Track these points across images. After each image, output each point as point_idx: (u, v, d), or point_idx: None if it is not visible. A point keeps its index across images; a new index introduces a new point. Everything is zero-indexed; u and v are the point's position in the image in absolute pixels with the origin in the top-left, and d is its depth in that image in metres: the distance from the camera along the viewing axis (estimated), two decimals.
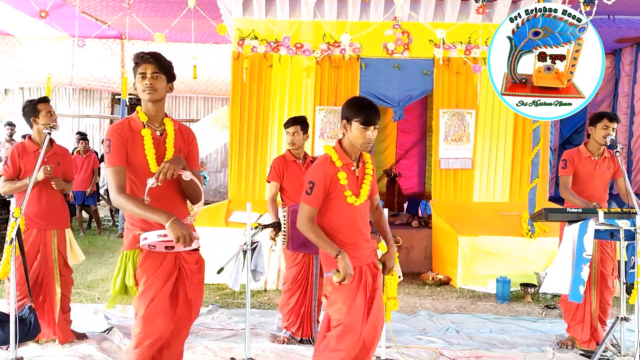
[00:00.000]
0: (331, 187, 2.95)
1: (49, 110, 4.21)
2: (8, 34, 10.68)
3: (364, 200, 3.02)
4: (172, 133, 2.86)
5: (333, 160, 2.97)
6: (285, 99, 7.41)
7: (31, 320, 4.05)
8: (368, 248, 3.06)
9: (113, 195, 2.71)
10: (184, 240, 2.59)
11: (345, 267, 2.88)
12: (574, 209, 3.79)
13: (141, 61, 2.79)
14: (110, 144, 2.75)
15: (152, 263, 2.78)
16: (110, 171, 2.72)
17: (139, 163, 2.77)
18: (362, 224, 3.03)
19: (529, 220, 6.46)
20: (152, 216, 2.64)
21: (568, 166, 4.46)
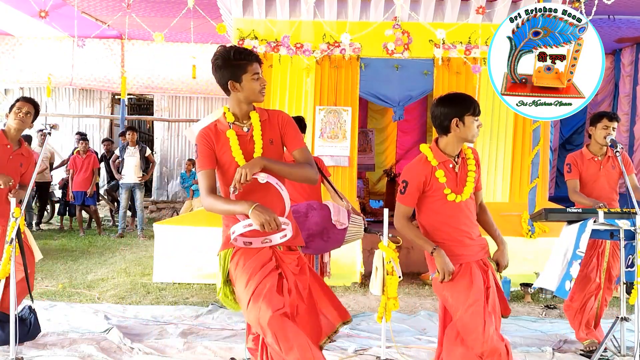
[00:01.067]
0: (427, 186, 2.96)
1: (20, 107, 4.08)
2: (8, 34, 10.68)
3: (467, 197, 2.97)
4: (259, 126, 2.78)
5: (428, 159, 2.98)
6: (285, 99, 7.41)
7: (31, 321, 4.06)
8: (474, 245, 3.00)
9: (202, 197, 2.71)
10: (268, 225, 2.46)
11: (442, 263, 2.88)
12: (574, 209, 3.80)
13: (252, 59, 2.72)
14: (197, 148, 2.75)
15: (242, 255, 2.70)
16: (200, 175, 2.73)
17: (229, 164, 2.73)
18: (465, 221, 3.00)
19: (529, 220, 6.45)
20: (235, 208, 2.57)
21: (573, 169, 4.45)
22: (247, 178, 2.57)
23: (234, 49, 2.72)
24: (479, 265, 2.99)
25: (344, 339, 4.50)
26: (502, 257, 3.08)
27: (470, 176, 2.99)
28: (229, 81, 2.72)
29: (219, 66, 2.72)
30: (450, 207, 2.96)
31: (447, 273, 2.88)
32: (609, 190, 4.44)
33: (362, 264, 6.53)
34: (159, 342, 4.34)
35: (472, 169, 3.00)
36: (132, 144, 9.60)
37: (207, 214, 7.48)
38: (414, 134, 10.37)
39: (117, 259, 7.70)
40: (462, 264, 2.94)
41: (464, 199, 2.96)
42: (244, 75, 2.70)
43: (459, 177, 2.98)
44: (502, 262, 3.08)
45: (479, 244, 3.03)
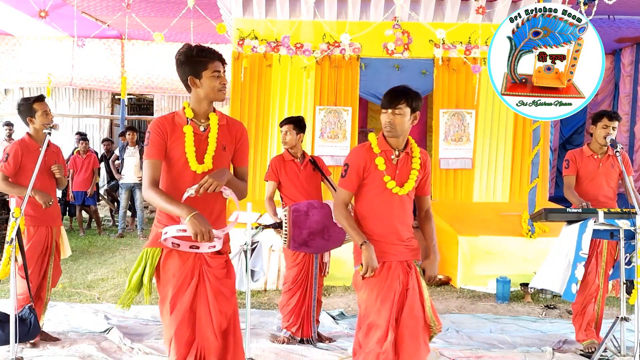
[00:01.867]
0: (366, 172, 2.96)
1: (45, 109, 4.19)
2: (8, 34, 10.68)
3: (405, 193, 2.95)
4: (216, 128, 2.77)
5: (372, 146, 3.00)
6: (285, 99, 7.41)
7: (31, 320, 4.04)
8: (402, 245, 2.97)
9: (144, 188, 2.69)
10: (202, 236, 2.48)
11: (368, 259, 2.86)
12: (574, 209, 3.80)
13: (213, 57, 2.73)
14: (149, 136, 2.71)
15: (172, 266, 2.70)
16: (146, 164, 2.71)
17: (178, 159, 2.72)
18: (398, 218, 2.96)
19: (529, 220, 6.45)
20: (174, 209, 2.57)
21: (571, 166, 4.46)
22: (215, 190, 2.59)
23: (196, 47, 2.75)
24: (403, 266, 2.94)
25: (344, 339, 4.50)
26: (429, 266, 3.01)
27: (412, 174, 2.97)
28: (189, 77, 2.73)
29: (180, 62, 2.74)
30: (386, 199, 2.94)
31: (370, 269, 2.87)
32: (606, 189, 4.43)
33: None
34: (159, 342, 4.34)
35: (416, 167, 2.99)
36: (132, 144, 9.60)
37: None
38: (414, 134, 10.30)
39: (117, 259, 7.70)
40: (386, 262, 2.92)
41: (401, 193, 2.94)
42: (204, 72, 2.71)
43: (399, 170, 2.96)
44: (429, 271, 3.01)
45: (406, 245, 2.98)
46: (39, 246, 4.18)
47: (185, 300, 2.67)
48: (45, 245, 4.23)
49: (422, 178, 3.04)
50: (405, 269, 2.94)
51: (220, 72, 2.74)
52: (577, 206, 3.96)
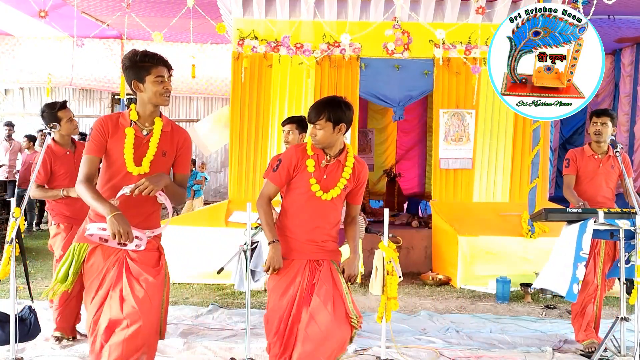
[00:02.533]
0: (295, 170, 3.03)
1: (70, 116, 4.28)
2: (8, 34, 10.68)
3: (330, 198, 3.00)
4: (158, 134, 2.84)
5: (306, 148, 3.06)
6: (285, 99, 7.41)
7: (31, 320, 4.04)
8: (315, 246, 3.03)
9: (77, 181, 2.76)
10: (119, 236, 2.55)
11: (271, 258, 2.97)
12: (574, 209, 3.80)
13: (157, 63, 2.78)
14: (91, 133, 2.81)
15: (97, 261, 2.78)
16: (83, 159, 2.79)
17: (116, 159, 2.79)
18: (317, 221, 3.02)
19: (529, 220, 6.45)
20: (99, 207, 2.64)
21: (571, 165, 4.48)
22: (150, 194, 2.65)
23: (141, 52, 2.79)
24: (310, 263, 3.01)
25: None
26: (348, 265, 3.07)
27: (340, 182, 3.02)
28: (133, 81, 2.79)
29: (125, 66, 2.80)
30: (308, 201, 3.00)
31: (272, 267, 2.97)
32: (605, 189, 4.44)
33: (362, 264, 6.52)
34: (159, 342, 4.33)
35: (345, 176, 3.03)
36: None
37: (206, 214, 7.48)
38: (414, 134, 10.36)
39: None
40: (294, 260, 3.00)
41: (324, 198, 2.99)
42: (147, 76, 2.76)
43: (327, 176, 3.01)
44: (348, 270, 3.06)
45: (319, 246, 3.03)
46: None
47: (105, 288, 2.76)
48: None
49: (353, 188, 3.10)
50: (312, 265, 3.01)
51: (164, 77, 2.79)
52: (575, 206, 3.96)
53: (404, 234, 7.09)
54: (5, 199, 7.91)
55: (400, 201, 9.82)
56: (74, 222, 4.26)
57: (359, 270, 3.13)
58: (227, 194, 8.73)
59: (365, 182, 3.18)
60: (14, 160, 10.11)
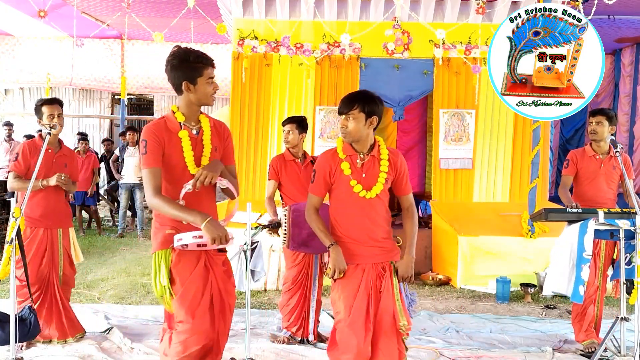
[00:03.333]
0: (332, 177, 2.99)
1: (51, 112, 4.21)
2: (8, 34, 10.68)
3: (374, 195, 2.95)
4: (209, 130, 2.82)
5: (337, 151, 3.02)
6: (285, 99, 7.41)
7: (31, 320, 4.04)
8: (376, 247, 2.97)
9: (148, 196, 2.69)
10: (219, 241, 2.56)
11: (334, 260, 2.91)
12: (574, 209, 3.80)
13: (208, 63, 2.75)
14: (146, 144, 2.70)
15: (185, 264, 2.74)
16: (146, 173, 2.70)
17: (176, 164, 2.74)
18: (370, 220, 2.96)
19: (529, 220, 6.45)
20: (187, 217, 2.60)
21: (570, 166, 4.48)
22: (212, 181, 2.63)
23: (192, 52, 2.74)
24: (376, 269, 2.95)
25: None
26: (402, 266, 2.99)
27: (380, 176, 2.97)
28: (184, 82, 2.74)
29: (174, 66, 2.74)
30: (355, 202, 2.95)
31: (337, 271, 2.91)
32: (607, 189, 4.44)
33: None
34: (159, 342, 4.33)
35: (384, 170, 2.98)
36: (132, 144, 9.60)
37: None
38: (414, 134, 10.34)
39: (117, 259, 7.70)
40: (358, 264, 2.94)
41: (368, 196, 2.94)
42: (199, 78, 2.73)
43: (365, 174, 2.97)
44: (401, 271, 2.99)
45: (380, 247, 2.98)
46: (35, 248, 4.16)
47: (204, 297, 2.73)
48: (45, 248, 4.22)
49: (395, 178, 3.05)
50: (379, 271, 2.95)
51: (213, 78, 2.77)
52: (567, 206, 3.96)
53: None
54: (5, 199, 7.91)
55: None
56: (37, 225, 4.20)
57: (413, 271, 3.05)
58: None
59: (406, 171, 3.10)
60: None
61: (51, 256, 4.27)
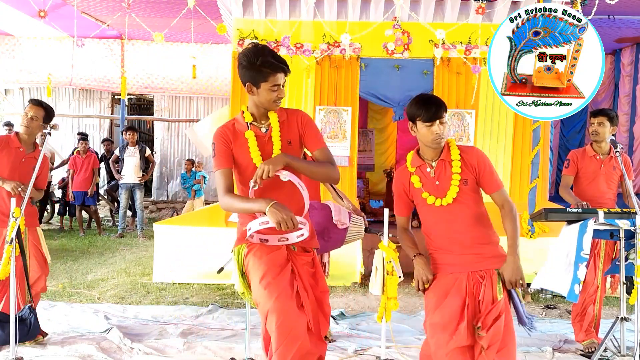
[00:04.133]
0: (409, 194, 2.95)
1: (26, 111, 4.16)
2: (8, 34, 10.68)
3: (451, 200, 2.83)
4: (277, 126, 2.77)
5: (407, 165, 2.98)
6: (286, 99, 7.41)
7: (31, 321, 4.05)
8: (466, 255, 2.83)
9: (220, 197, 2.70)
10: (285, 224, 2.46)
11: (417, 271, 2.87)
12: (574, 209, 3.79)
13: (275, 70, 2.69)
14: (215, 147, 2.74)
15: (258, 251, 2.71)
16: (217, 174, 2.73)
17: (246, 164, 2.73)
18: (455, 227, 2.84)
19: (529, 220, 6.45)
20: (253, 206, 2.58)
21: (570, 165, 4.49)
22: (270, 174, 2.57)
23: (263, 55, 2.68)
24: (474, 278, 2.79)
25: (344, 339, 4.50)
26: (505, 270, 2.80)
27: (454, 179, 2.84)
28: (247, 83, 2.73)
29: (242, 66, 2.71)
30: (434, 213, 2.87)
31: (420, 282, 2.87)
32: (606, 189, 4.44)
33: (362, 264, 6.52)
34: (159, 342, 4.34)
35: (456, 171, 2.85)
36: (132, 144, 9.60)
37: (207, 214, 7.48)
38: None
39: (117, 259, 7.70)
40: (452, 273, 2.82)
41: (444, 203, 2.84)
42: (263, 83, 2.70)
43: (439, 181, 2.86)
44: (506, 276, 2.79)
45: (474, 254, 2.83)
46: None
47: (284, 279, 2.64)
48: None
49: (478, 176, 2.88)
50: (476, 280, 2.80)
51: (280, 86, 2.72)
52: (573, 205, 3.96)
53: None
54: None
55: None
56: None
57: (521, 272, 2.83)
58: None
59: (488, 164, 2.92)
60: None
61: None
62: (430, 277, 2.86)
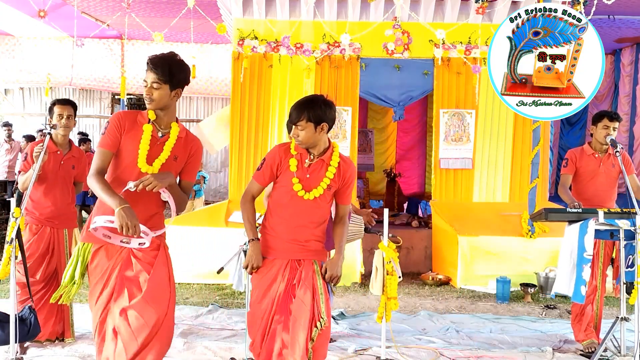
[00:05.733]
0: (279, 170, 3.00)
1: (61, 112, 4.22)
2: (8, 34, 10.68)
3: (313, 198, 2.94)
4: (174, 138, 2.84)
5: (290, 147, 3.02)
6: (285, 99, 7.41)
7: (31, 321, 4.04)
8: (297, 246, 2.96)
9: (89, 174, 2.74)
10: (127, 229, 2.53)
11: (251, 255, 2.97)
12: (574, 209, 3.79)
13: (147, 67, 2.79)
14: (107, 126, 2.80)
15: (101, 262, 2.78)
16: (97, 152, 2.78)
17: (129, 154, 2.77)
18: (300, 220, 2.96)
19: (529, 220, 6.45)
20: (108, 200, 2.63)
21: (569, 165, 4.47)
22: (154, 190, 2.65)
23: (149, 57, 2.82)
24: (291, 263, 2.95)
25: (344, 339, 4.50)
26: (330, 265, 2.98)
27: (324, 181, 2.95)
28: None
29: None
30: (291, 200, 2.96)
31: (251, 265, 2.96)
32: (606, 188, 4.43)
33: (362, 264, 6.53)
34: None
35: (329, 176, 2.95)
36: None
37: (206, 214, 7.48)
38: (414, 134, 10.35)
39: None
40: (275, 259, 2.97)
41: (306, 197, 2.93)
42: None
43: (310, 175, 2.95)
44: (330, 270, 2.97)
45: (302, 246, 2.96)
46: (38, 246, 4.18)
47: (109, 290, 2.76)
48: (47, 246, 4.23)
49: (340, 187, 3.03)
50: (293, 265, 2.96)
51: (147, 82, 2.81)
52: (570, 205, 3.95)
53: (404, 234, 7.09)
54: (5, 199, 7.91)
55: (400, 201, 9.82)
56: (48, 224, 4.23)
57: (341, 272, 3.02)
58: (227, 194, 8.73)
59: (353, 182, 3.10)
60: (14, 161, 10.11)
61: (59, 256, 4.27)
62: (260, 264, 2.98)
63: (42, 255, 4.19)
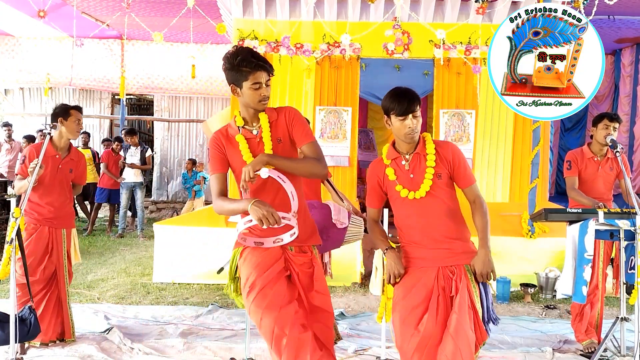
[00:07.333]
0: (383, 185, 2.96)
1: (78, 118, 4.27)
2: (8, 34, 10.68)
3: (424, 194, 2.82)
4: (267, 126, 2.77)
5: (382, 157, 2.98)
6: (286, 99, 7.41)
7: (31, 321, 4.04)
8: (439, 249, 2.83)
9: (213, 201, 2.75)
10: (266, 219, 2.43)
11: (388, 265, 2.87)
12: (574, 209, 3.80)
13: (254, 69, 2.66)
14: (209, 153, 2.83)
15: (251, 253, 2.76)
16: (211, 179, 2.81)
17: (239, 166, 2.73)
18: (428, 221, 2.84)
19: (529, 220, 6.45)
20: (238, 206, 2.60)
21: (573, 167, 4.47)
22: (250, 175, 2.57)
23: (242, 55, 2.67)
24: (444, 273, 2.80)
25: (344, 339, 4.50)
26: (476, 263, 2.81)
27: (428, 172, 2.83)
28: (231, 85, 2.74)
29: (225, 68, 2.74)
30: (407, 206, 2.87)
31: (392, 275, 2.86)
32: (604, 191, 4.46)
33: (362, 264, 6.52)
34: (159, 342, 4.34)
35: (430, 165, 2.83)
36: (134, 145, 9.67)
37: (207, 214, 7.47)
38: None
39: (117, 259, 7.70)
40: (423, 267, 2.83)
41: (418, 196, 2.83)
42: (244, 82, 2.69)
43: (413, 174, 2.86)
44: (477, 268, 2.80)
45: (445, 249, 2.84)
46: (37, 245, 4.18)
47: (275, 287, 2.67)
48: (46, 246, 4.24)
49: (451, 171, 2.87)
50: (446, 275, 2.80)
51: (261, 84, 2.69)
52: (590, 206, 3.94)
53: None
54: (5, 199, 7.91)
55: None
56: (42, 223, 4.23)
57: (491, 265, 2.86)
58: None
59: (461, 161, 2.89)
60: (14, 161, 10.12)
61: (57, 256, 4.28)
62: (402, 271, 2.87)
63: (41, 255, 4.20)
